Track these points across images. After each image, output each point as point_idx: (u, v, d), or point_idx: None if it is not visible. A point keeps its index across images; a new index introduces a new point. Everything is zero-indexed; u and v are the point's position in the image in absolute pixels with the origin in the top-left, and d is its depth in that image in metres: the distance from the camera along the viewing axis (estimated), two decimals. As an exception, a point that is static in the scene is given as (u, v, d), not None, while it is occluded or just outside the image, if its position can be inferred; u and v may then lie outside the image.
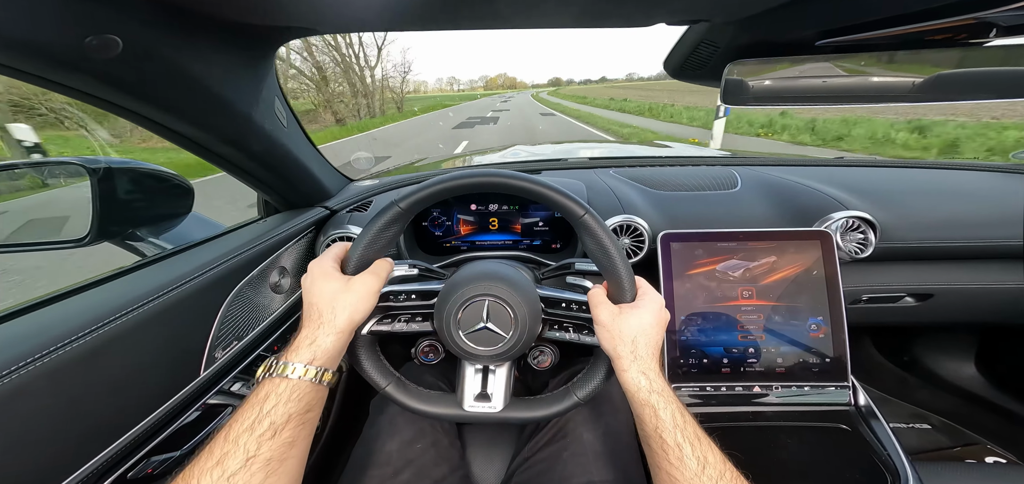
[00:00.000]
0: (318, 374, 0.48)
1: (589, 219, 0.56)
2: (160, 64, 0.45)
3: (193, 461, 0.40)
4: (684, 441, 0.46)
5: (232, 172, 0.70)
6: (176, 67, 0.47)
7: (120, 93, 0.45)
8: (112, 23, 0.38)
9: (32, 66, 0.37)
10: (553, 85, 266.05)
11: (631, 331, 0.53)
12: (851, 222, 0.91)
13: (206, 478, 0.38)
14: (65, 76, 0.40)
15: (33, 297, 0.47)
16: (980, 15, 0.42)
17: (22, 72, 0.37)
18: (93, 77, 0.41)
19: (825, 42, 0.56)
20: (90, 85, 0.43)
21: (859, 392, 0.81)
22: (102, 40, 0.38)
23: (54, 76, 0.40)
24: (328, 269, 0.55)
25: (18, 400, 0.39)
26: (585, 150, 2.03)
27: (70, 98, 0.42)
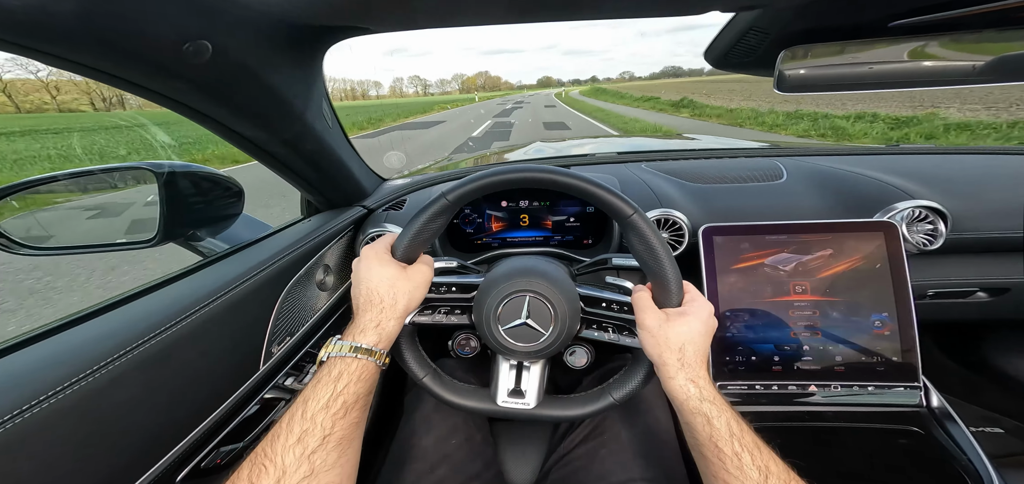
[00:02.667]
0: (380, 356, 0.50)
1: (638, 219, 0.54)
2: (238, 67, 0.47)
3: (270, 437, 0.41)
4: (742, 450, 0.45)
5: (284, 173, 0.73)
6: (250, 69, 0.48)
7: (205, 98, 0.48)
8: (203, 29, 0.40)
9: (134, 74, 0.40)
10: (543, 86, 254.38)
11: (679, 338, 0.51)
12: (918, 212, 0.85)
13: (289, 455, 0.39)
14: (161, 83, 0.43)
15: (113, 296, 0.51)
16: None
17: (124, 80, 0.39)
18: (185, 82, 0.43)
19: (899, 23, 0.52)
20: (182, 92, 0.45)
21: (932, 393, 0.75)
22: (197, 46, 0.39)
23: (153, 84, 0.42)
24: (384, 256, 0.56)
25: (113, 390, 0.41)
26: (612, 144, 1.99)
27: (160, 105, 0.45)
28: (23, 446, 0.34)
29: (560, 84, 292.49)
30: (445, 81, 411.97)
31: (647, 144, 1.85)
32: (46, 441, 0.36)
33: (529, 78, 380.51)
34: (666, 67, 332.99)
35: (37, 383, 0.36)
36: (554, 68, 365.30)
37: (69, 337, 0.43)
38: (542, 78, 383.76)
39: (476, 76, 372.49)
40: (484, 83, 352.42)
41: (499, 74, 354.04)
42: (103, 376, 0.40)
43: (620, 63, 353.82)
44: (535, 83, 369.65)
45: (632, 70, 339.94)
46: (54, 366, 0.38)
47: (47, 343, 0.42)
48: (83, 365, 0.39)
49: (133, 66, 0.39)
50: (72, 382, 0.38)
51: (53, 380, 0.37)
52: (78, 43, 0.33)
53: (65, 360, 0.39)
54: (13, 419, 0.34)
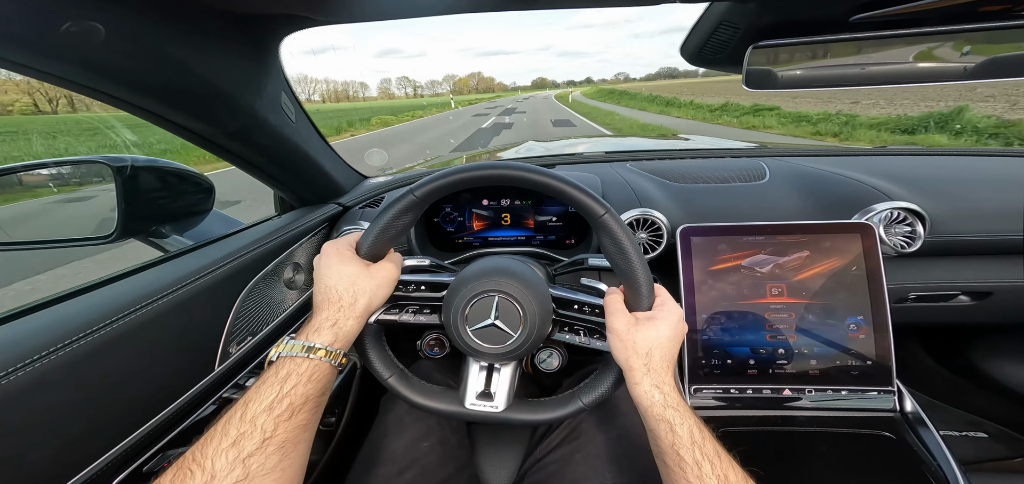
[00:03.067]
0: (336, 356, 0.48)
1: (609, 219, 0.53)
2: (150, 53, 0.45)
3: (202, 441, 0.39)
4: (703, 458, 0.44)
5: (242, 167, 0.71)
6: (166, 55, 0.46)
7: (108, 81, 0.45)
8: (90, 10, 0.37)
9: (7, 51, 0.37)
10: (538, 87, 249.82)
11: (646, 343, 0.50)
12: (896, 214, 0.84)
13: (221, 458, 0.37)
14: (43, 63, 0.40)
15: (53, 293, 0.49)
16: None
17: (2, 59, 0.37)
18: (76, 65, 0.41)
19: (862, 17, 0.51)
20: (73, 73, 0.42)
21: (905, 398, 0.74)
22: (82, 27, 0.37)
23: (31, 63, 0.39)
24: (345, 253, 0.54)
25: (36, 392, 0.40)
26: (602, 144, 1.98)
27: (54, 84, 0.42)
28: None
29: (555, 86, 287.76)
30: (436, 82, 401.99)
31: (636, 144, 1.85)
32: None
33: (524, 79, 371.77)
34: (661, 68, 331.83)
35: None
36: (549, 69, 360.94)
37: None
38: (537, 79, 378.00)
39: (469, 77, 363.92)
40: (477, 84, 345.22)
41: (493, 75, 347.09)
42: (22, 378, 0.39)
43: (615, 64, 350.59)
44: (530, 84, 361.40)
45: (627, 71, 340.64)
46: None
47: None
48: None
49: (2, 45, 0.36)
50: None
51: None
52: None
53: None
54: None
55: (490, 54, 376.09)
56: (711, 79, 44.07)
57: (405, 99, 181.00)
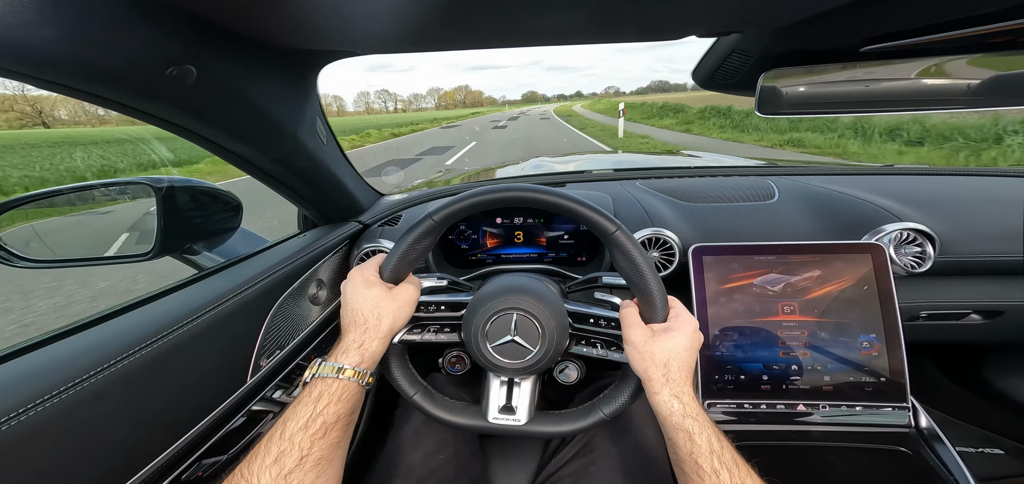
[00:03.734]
0: (363, 376, 0.51)
1: (620, 236, 0.55)
2: (226, 90, 0.49)
3: (249, 458, 0.41)
4: (721, 467, 0.45)
5: (278, 189, 0.75)
6: (238, 92, 0.51)
7: (192, 118, 0.50)
8: (188, 54, 0.42)
9: (117, 94, 0.42)
10: (529, 102, 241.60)
11: (664, 354, 0.52)
12: (906, 234, 0.85)
13: (265, 475, 0.40)
14: (145, 103, 0.45)
15: (106, 308, 0.52)
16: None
17: (109, 100, 0.41)
18: (170, 104, 0.45)
19: (871, 49, 0.53)
20: (167, 111, 0.47)
21: (920, 414, 0.75)
22: (181, 70, 0.41)
23: (136, 103, 0.44)
24: (370, 278, 0.58)
25: (96, 402, 0.42)
26: (610, 161, 2.01)
27: (147, 123, 0.47)
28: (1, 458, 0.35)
29: (545, 100, 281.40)
30: (419, 96, 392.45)
31: (643, 161, 1.87)
32: (24, 454, 0.37)
33: (513, 93, 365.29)
34: (652, 82, 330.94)
35: (16, 397, 0.37)
36: (538, 83, 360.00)
37: (53, 351, 0.44)
38: (527, 93, 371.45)
39: (455, 91, 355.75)
40: (465, 98, 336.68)
41: (481, 88, 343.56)
42: (85, 389, 0.41)
43: (603, 78, 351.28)
44: (520, 98, 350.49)
45: (617, 85, 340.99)
46: (35, 379, 0.39)
47: (30, 357, 0.43)
48: (65, 378, 0.40)
49: (115, 88, 0.40)
50: (52, 395, 0.39)
51: (33, 393, 0.38)
52: (58, 66, 0.35)
53: (47, 373, 0.40)
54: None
55: (479, 69, 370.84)
56: (702, 92, 41.32)
57: (387, 115, 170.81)
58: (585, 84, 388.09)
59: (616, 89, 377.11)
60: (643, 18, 0.49)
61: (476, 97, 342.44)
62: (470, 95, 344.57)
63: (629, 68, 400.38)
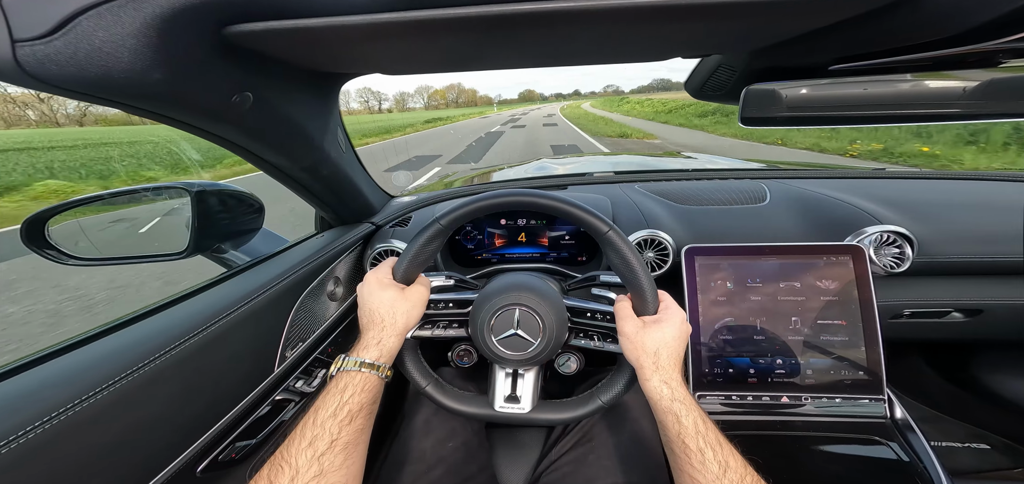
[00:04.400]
0: (382, 369, 0.56)
1: (613, 236, 0.60)
2: (272, 110, 0.56)
3: (286, 443, 0.47)
4: (706, 446, 0.49)
5: (302, 194, 0.81)
6: (280, 111, 0.57)
7: (246, 137, 0.57)
8: (248, 82, 0.49)
9: (194, 119, 0.49)
10: (526, 101, 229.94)
11: (653, 343, 0.56)
12: (886, 236, 0.90)
13: (302, 456, 0.45)
14: (214, 125, 0.52)
15: (153, 302, 0.58)
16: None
17: (186, 123, 0.49)
18: (232, 125, 0.53)
19: (839, 67, 0.59)
20: (229, 131, 0.54)
21: (896, 405, 0.80)
22: (243, 97, 0.48)
23: (207, 126, 0.51)
24: (384, 280, 0.63)
25: (151, 387, 0.48)
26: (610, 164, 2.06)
27: (212, 142, 0.55)
28: (65, 441, 0.40)
29: (543, 99, 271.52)
30: (407, 95, 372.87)
31: (642, 163, 1.92)
32: (88, 436, 0.42)
33: (510, 92, 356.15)
34: (654, 80, 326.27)
35: (80, 384, 0.43)
36: (536, 82, 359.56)
37: (111, 341, 0.50)
38: (524, 92, 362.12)
39: (446, 89, 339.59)
40: (457, 97, 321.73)
41: (475, 87, 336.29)
42: (142, 375, 0.47)
43: (601, 78, 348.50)
44: (516, 97, 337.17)
45: (617, 84, 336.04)
46: (98, 366, 0.45)
47: (94, 345, 0.49)
48: (123, 367, 0.46)
49: (194, 114, 0.48)
50: (112, 382, 0.45)
51: (97, 379, 0.44)
52: (160, 99, 0.42)
53: (108, 361, 0.46)
54: (59, 416, 0.40)
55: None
56: (676, 97, 38.10)
57: (367, 115, 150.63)
58: (583, 83, 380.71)
59: (616, 88, 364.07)
60: (635, 43, 0.54)
61: (470, 96, 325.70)
62: (463, 94, 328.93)
63: (626, 67, 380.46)
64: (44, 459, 0.39)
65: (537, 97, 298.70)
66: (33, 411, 0.39)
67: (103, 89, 0.36)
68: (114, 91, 0.37)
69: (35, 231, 0.70)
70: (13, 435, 0.37)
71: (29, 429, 0.38)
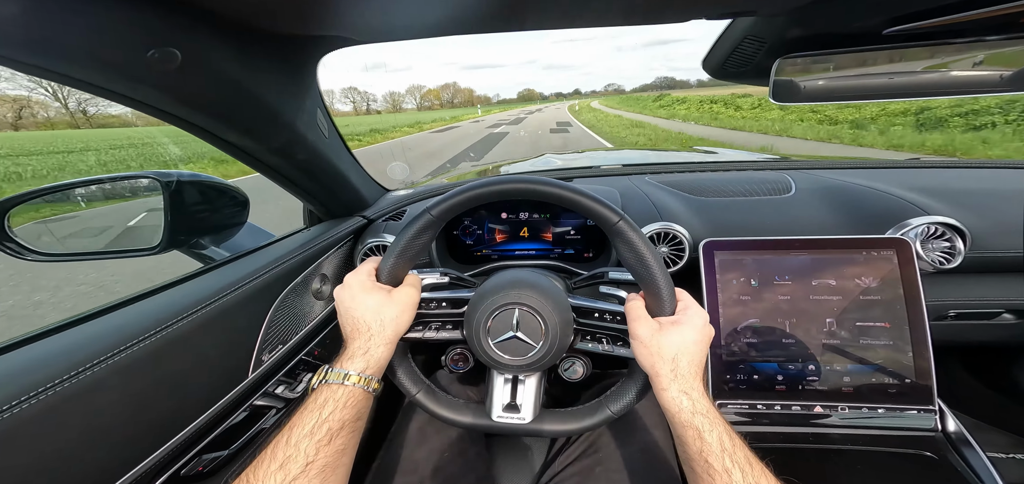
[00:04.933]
0: (369, 382, 0.50)
1: (624, 226, 0.53)
2: (214, 75, 0.48)
3: (255, 464, 0.41)
4: (733, 465, 0.43)
5: (279, 182, 0.75)
6: (228, 78, 0.50)
7: (178, 104, 0.49)
8: (172, 37, 0.41)
9: (98, 78, 0.41)
10: (526, 101, 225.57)
11: (672, 348, 0.50)
12: (934, 228, 0.81)
13: (270, 481, 0.40)
14: (128, 88, 0.44)
15: (107, 301, 0.52)
16: None
17: (90, 84, 0.41)
18: (154, 88, 0.44)
19: (895, 30, 0.50)
20: (151, 96, 0.46)
21: (948, 417, 0.71)
22: (164, 53, 0.40)
23: (118, 88, 0.43)
24: (366, 283, 0.56)
25: (95, 394, 0.42)
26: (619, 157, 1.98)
27: (131, 108, 0.46)
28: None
29: (543, 98, 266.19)
30: (397, 95, 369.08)
31: (652, 157, 1.84)
32: (20, 445, 0.37)
33: (509, 92, 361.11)
34: (658, 78, 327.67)
35: (14, 387, 0.37)
36: (536, 82, 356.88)
37: (52, 343, 0.44)
38: (524, 92, 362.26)
39: (441, 89, 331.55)
40: (453, 97, 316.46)
41: (472, 87, 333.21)
42: (82, 381, 0.41)
43: (601, 77, 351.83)
44: (516, 97, 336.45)
45: (618, 83, 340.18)
46: (33, 371, 0.39)
47: (25, 349, 0.43)
48: (62, 370, 0.40)
49: (93, 70, 0.40)
50: (47, 388, 0.39)
51: (30, 384, 0.38)
52: (31, 45, 0.34)
53: (44, 365, 0.40)
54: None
55: (476, 68, 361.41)
56: (713, 92, 33.06)
57: (354, 116, 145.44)
58: (583, 82, 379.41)
59: (618, 87, 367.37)
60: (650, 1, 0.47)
61: (466, 96, 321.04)
62: (459, 93, 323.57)
63: (625, 66, 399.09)
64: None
65: (537, 96, 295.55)
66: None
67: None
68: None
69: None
70: None
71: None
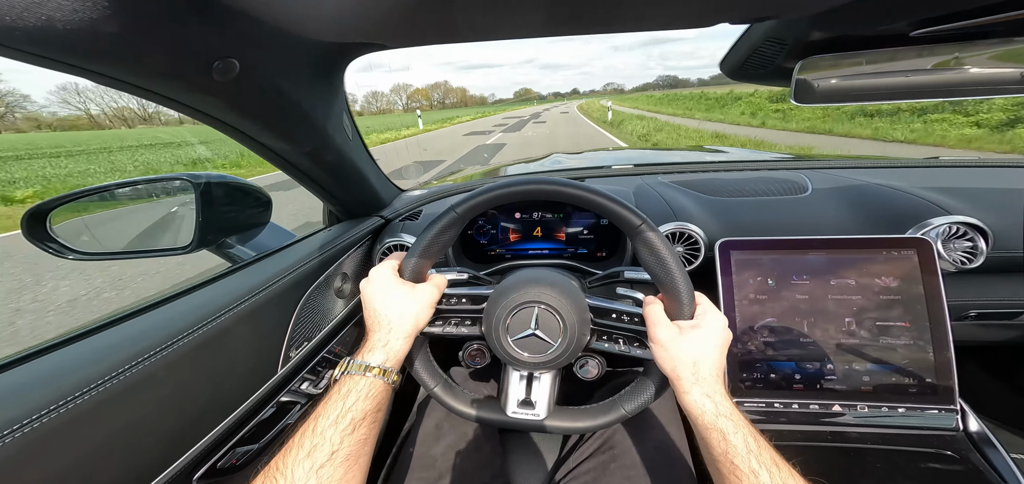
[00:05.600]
0: (388, 374, 0.51)
1: (646, 230, 0.54)
2: (265, 83, 0.50)
3: (283, 451, 0.43)
4: (760, 467, 0.43)
5: (306, 183, 0.77)
6: (274, 85, 0.51)
7: (234, 113, 0.51)
8: (231, 48, 0.43)
9: (166, 89, 0.43)
10: (523, 101, 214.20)
11: (692, 353, 0.50)
12: (955, 228, 0.80)
13: (299, 469, 0.41)
14: (193, 98, 0.46)
15: (147, 299, 0.55)
16: None
17: (158, 94, 0.43)
18: (214, 97, 0.47)
19: (924, 32, 0.50)
20: (212, 106, 0.48)
21: (970, 417, 0.70)
22: (225, 64, 0.43)
23: (185, 99, 0.45)
24: (390, 278, 0.58)
25: (141, 391, 0.44)
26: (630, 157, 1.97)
27: (194, 119, 0.49)
28: (50, 445, 0.37)
29: (541, 99, 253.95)
30: (381, 95, 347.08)
31: (664, 156, 1.83)
32: (73, 439, 0.39)
33: (505, 92, 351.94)
34: (660, 77, 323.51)
35: (66, 384, 0.39)
36: (534, 82, 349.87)
37: (100, 340, 0.46)
38: (520, 91, 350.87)
39: (431, 88, 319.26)
40: (443, 98, 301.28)
41: (465, 86, 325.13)
42: (131, 377, 0.43)
43: (598, 76, 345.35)
44: (512, 97, 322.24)
45: (617, 83, 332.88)
46: (84, 367, 0.41)
47: (80, 345, 0.45)
48: (111, 367, 0.42)
49: (162, 81, 0.42)
50: (100, 382, 0.41)
51: (81, 381, 0.40)
52: (114, 60, 0.36)
53: (95, 361, 0.42)
54: (41, 418, 0.36)
55: (473, 67, 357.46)
56: (719, 90, 30.43)
57: None
58: (581, 82, 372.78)
59: (619, 87, 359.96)
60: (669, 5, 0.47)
61: (459, 96, 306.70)
62: (451, 93, 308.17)
63: (622, 65, 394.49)
64: (13, 469, 0.35)
65: (535, 97, 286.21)
66: (3, 418, 0.35)
67: (44, 46, 0.31)
68: (57, 47, 0.32)
69: (36, 224, 0.67)
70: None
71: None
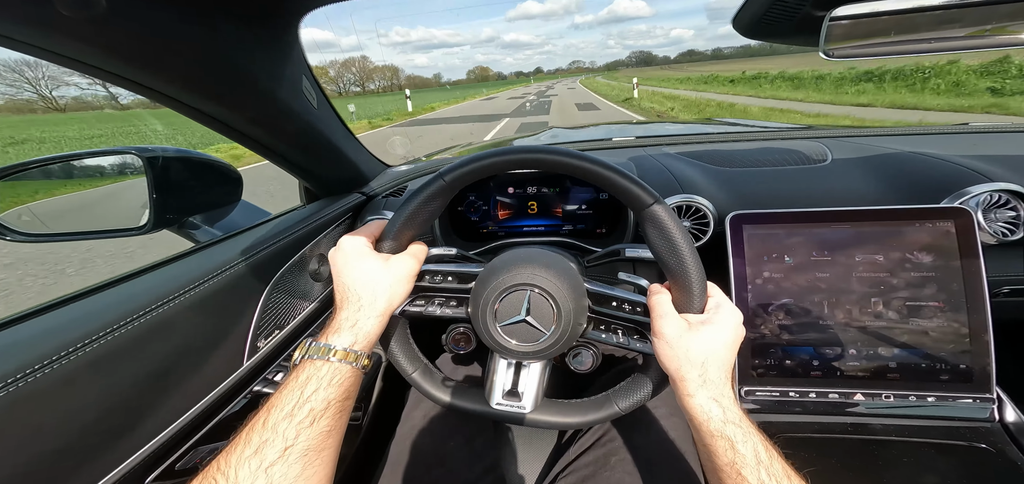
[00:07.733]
0: (358, 358, 0.45)
1: (658, 209, 0.47)
2: (159, 28, 0.42)
3: (227, 449, 0.38)
4: (770, 479, 0.39)
5: (267, 156, 0.69)
6: (179, 33, 0.43)
7: (115, 59, 0.42)
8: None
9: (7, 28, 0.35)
10: (479, 81, 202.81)
11: (701, 352, 0.44)
12: (998, 197, 0.72)
13: (244, 468, 0.36)
14: (34, 36, 0.37)
15: (79, 288, 0.48)
16: None
17: None
18: (73, 39, 0.38)
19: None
20: (70, 48, 0.39)
21: (1007, 406, 0.64)
22: None
23: (22, 37, 0.36)
24: (362, 248, 0.51)
25: (63, 390, 0.39)
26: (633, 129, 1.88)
27: (54, 62, 0.40)
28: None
29: (501, 78, 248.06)
30: (320, 68, 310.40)
31: (670, 128, 1.74)
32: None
33: (457, 73, 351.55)
34: (631, 54, 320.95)
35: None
36: (494, 61, 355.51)
37: (13, 334, 0.40)
38: (475, 69, 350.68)
39: (345, 63, 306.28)
40: (391, 82, 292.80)
41: (423, 71, 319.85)
42: (50, 375, 0.38)
43: (559, 56, 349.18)
44: (466, 77, 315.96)
45: (579, 60, 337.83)
46: (3, 358, 0.36)
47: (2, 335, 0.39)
48: (24, 364, 0.36)
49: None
50: (9, 382, 0.35)
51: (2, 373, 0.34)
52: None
53: (16, 354, 0.37)
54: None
55: (432, 47, 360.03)
56: (693, 72, 29.02)
57: None
58: (543, 61, 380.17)
59: (582, 64, 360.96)
60: None
61: (411, 80, 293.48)
62: (406, 79, 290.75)
63: (583, 45, 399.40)
64: None
65: (493, 76, 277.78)
66: None
67: None
68: None
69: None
70: None
71: None
